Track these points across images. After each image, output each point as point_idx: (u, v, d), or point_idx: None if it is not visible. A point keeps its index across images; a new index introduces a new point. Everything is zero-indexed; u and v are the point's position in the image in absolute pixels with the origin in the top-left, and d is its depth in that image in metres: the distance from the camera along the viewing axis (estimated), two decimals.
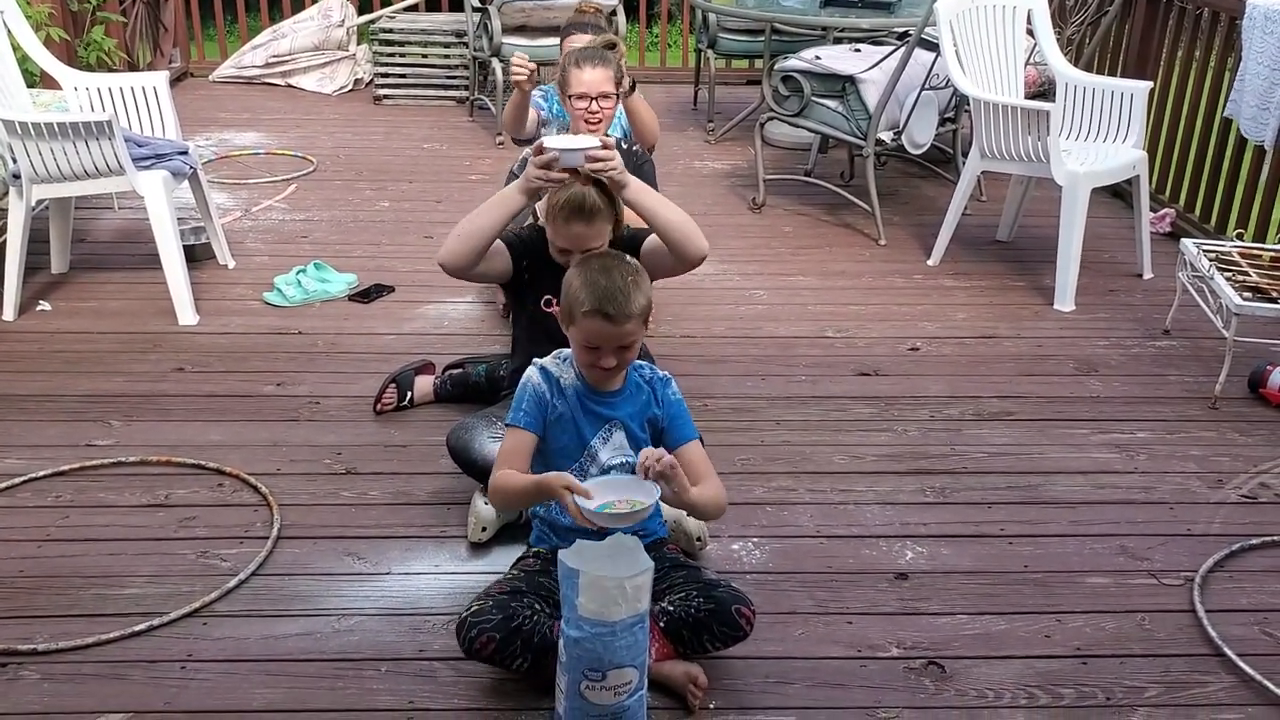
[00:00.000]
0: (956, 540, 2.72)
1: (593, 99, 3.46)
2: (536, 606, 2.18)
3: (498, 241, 2.71)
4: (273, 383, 3.41)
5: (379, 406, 3.23)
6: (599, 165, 2.53)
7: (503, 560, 2.54)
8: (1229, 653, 2.32)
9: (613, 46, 3.62)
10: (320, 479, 2.92)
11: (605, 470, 2.34)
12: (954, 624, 2.42)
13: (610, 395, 2.33)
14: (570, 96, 3.49)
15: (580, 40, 3.86)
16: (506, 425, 2.33)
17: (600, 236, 2.68)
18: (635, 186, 2.61)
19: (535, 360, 2.37)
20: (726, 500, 2.36)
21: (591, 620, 1.96)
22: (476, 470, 2.67)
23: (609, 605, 1.95)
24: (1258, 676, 2.25)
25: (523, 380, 2.33)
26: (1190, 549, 2.69)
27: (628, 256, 2.38)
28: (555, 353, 2.38)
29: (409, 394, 3.26)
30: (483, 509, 2.66)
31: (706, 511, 2.36)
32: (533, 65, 3.60)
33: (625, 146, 3.53)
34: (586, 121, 3.48)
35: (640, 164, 3.55)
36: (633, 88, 3.74)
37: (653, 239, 2.74)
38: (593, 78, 3.44)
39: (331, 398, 3.33)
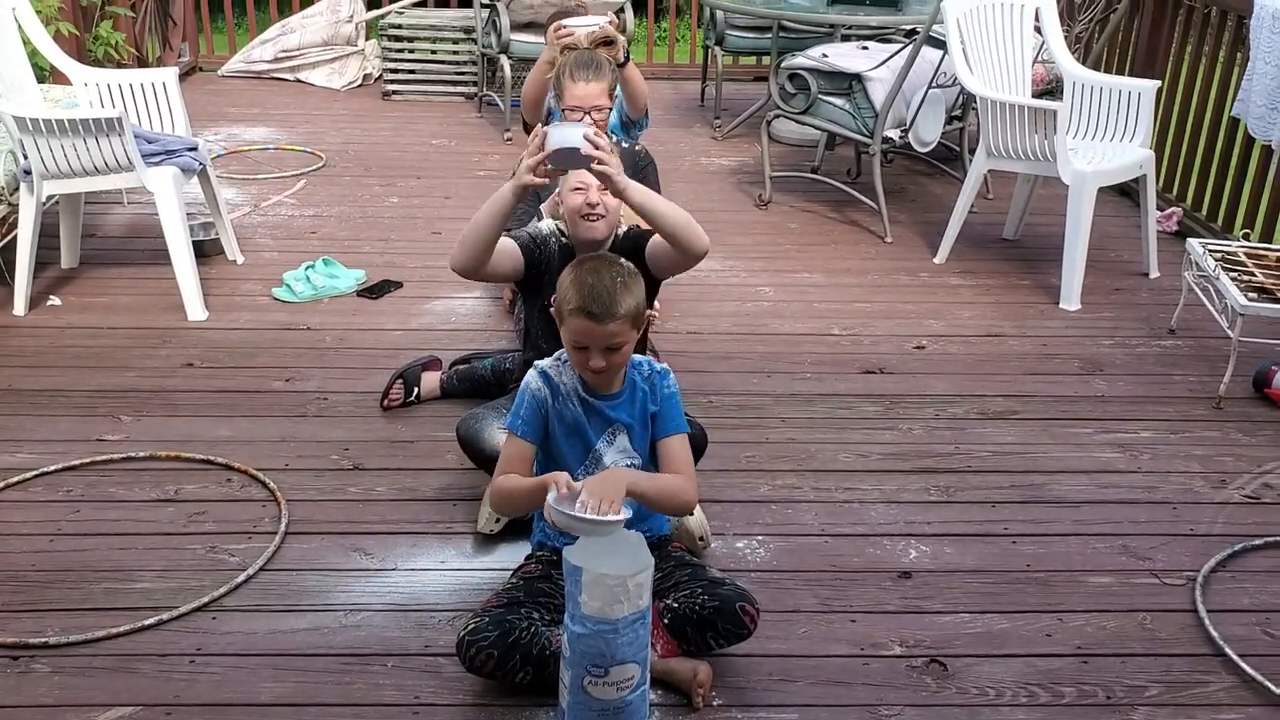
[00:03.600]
0: (960, 539, 2.74)
1: (586, 111, 3.39)
2: (535, 616, 2.20)
3: (508, 242, 2.68)
4: (281, 378, 3.44)
5: (386, 402, 3.25)
6: (597, 163, 2.38)
7: (508, 557, 2.57)
8: (1230, 653, 2.33)
9: (610, 43, 3.55)
10: (328, 474, 2.94)
11: None
12: (956, 622, 2.44)
13: (611, 398, 2.33)
14: (565, 109, 3.43)
15: (573, 24, 3.73)
16: (506, 429, 2.34)
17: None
18: (636, 190, 2.46)
19: (536, 363, 2.37)
20: (691, 497, 2.30)
21: (595, 618, 1.98)
22: (485, 460, 2.69)
23: (612, 603, 1.97)
24: (1258, 677, 2.27)
25: (523, 384, 2.33)
26: (1193, 549, 2.71)
27: (623, 260, 2.34)
28: (556, 354, 2.39)
29: (416, 390, 3.28)
30: None
31: (662, 488, 2.26)
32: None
33: (626, 146, 3.53)
34: None
35: (642, 165, 3.54)
36: (627, 59, 3.66)
37: (657, 238, 2.74)
38: (586, 92, 3.37)
39: (339, 393, 3.35)
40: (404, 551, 2.64)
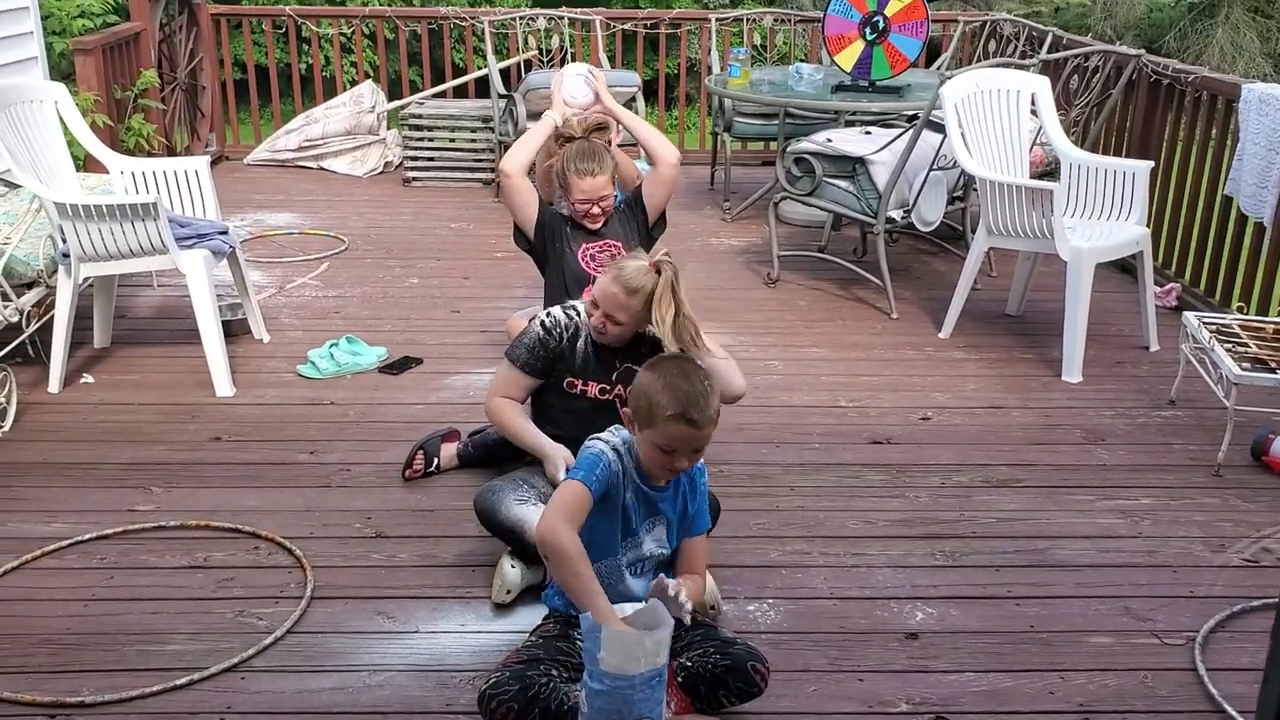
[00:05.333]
0: (965, 601, 2.81)
1: (595, 201, 3.60)
2: (554, 673, 2.28)
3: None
4: (306, 451, 3.55)
5: (408, 473, 3.36)
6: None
7: (525, 620, 2.65)
8: (1229, 709, 2.40)
9: (603, 128, 3.72)
10: (351, 542, 3.04)
11: (644, 558, 2.45)
12: (961, 681, 2.51)
13: (662, 490, 2.42)
14: (574, 201, 3.62)
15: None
16: (568, 479, 2.33)
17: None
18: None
19: (601, 438, 2.38)
20: (712, 590, 2.65)
21: (612, 674, 2.06)
22: (503, 532, 2.79)
23: (629, 660, 2.05)
24: None
25: (596, 451, 2.34)
26: (1193, 610, 2.77)
27: (695, 360, 2.49)
28: (617, 433, 2.39)
29: (435, 460, 3.39)
30: (509, 572, 2.76)
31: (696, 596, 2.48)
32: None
33: (624, 208, 3.72)
34: (589, 217, 3.64)
35: (637, 216, 3.76)
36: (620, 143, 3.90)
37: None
38: (593, 185, 3.57)
39: (362, 465, 3.46)
40: (425, 615, 2.73)
